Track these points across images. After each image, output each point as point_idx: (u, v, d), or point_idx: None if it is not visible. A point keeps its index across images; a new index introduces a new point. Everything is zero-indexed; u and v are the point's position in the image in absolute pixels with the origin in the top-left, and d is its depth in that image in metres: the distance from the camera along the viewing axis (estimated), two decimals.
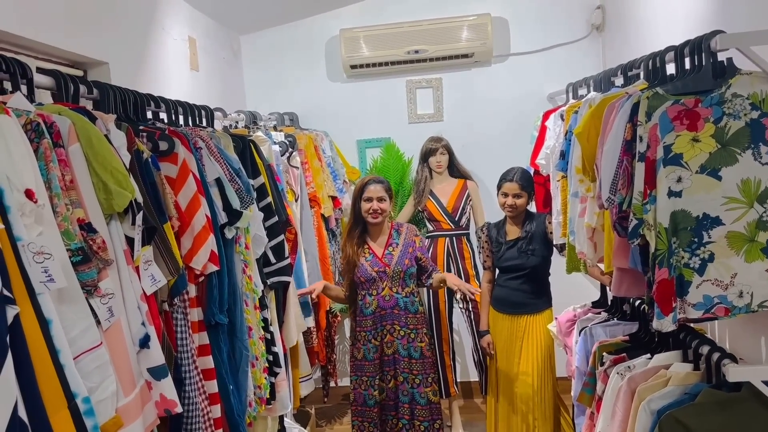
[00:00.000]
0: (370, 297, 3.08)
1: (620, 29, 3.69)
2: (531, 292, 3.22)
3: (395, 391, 3.08)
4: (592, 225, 2.20)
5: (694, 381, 1.87)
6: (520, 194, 3.19)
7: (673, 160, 1.67)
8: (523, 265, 3.19)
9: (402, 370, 3.07)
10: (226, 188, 1.88)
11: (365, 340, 3.09)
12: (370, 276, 3.06)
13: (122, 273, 1.29)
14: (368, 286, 3.08)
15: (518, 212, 3.23)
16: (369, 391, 3.10)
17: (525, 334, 3.21)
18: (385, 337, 3.08)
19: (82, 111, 1.35)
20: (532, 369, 3.18)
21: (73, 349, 1.12)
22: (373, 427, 3.12)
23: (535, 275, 3.21)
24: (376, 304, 3.07)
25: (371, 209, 3.07)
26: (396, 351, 3.07)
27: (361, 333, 3.10)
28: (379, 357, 3.09)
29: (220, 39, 3.92)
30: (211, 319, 1.75)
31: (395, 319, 3.07)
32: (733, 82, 1.64)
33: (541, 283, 3.25)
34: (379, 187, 3.10)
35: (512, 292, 3.25)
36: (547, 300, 3.27)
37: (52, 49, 2.13)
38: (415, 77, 4.30)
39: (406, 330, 3.07)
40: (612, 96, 2.07)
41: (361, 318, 3.11)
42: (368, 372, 3.09)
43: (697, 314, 1.69)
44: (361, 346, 3.10)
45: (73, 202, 1.19)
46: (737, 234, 1.65)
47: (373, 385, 3.09)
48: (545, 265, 3.23)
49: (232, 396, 1.83)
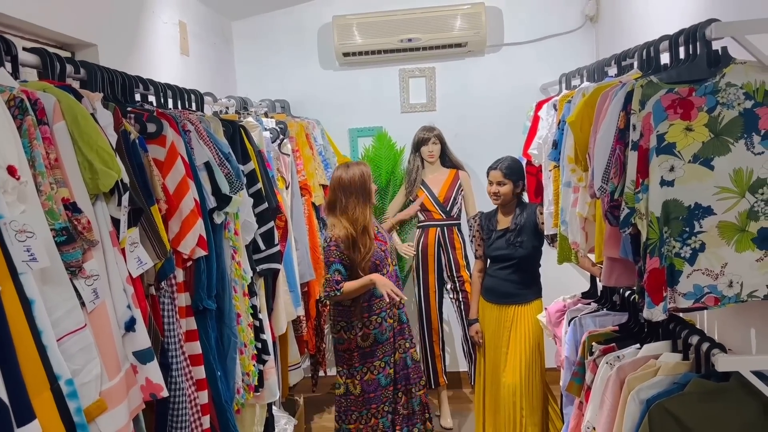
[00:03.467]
0: (386, 275, 3.01)
1: (614, 20, 3.68)
2: (519, 282, 3.21)
3: (401, 362, 3.10)
4: (583, 215, 2.20)
5: (683, 371, 1.87)
6: (503, 182, 3.19)
7: (666, 149, 1.66)
8: (511, 255, 3.18)
9: (407, 338, 3.13)
10: (216, 172, 1.85)
11: (377, 323, 3.02)
12: (382, 256, 3.04)
13: (108, 254, 1.27)
14: (381, 267, 3.02)
15: (504, 201, 3.22)
16: (385, 371, 3.05)
17: (513, 325, 3.21)
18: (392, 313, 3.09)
19: (68, 89, 1.32)
20: (519, 359, 3.18)
21: (56, 330, 1.10)
22: (388, 406, 3.08)
23: (524, 266, 3.20)
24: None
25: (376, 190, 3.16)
26: (399, 320, 3.11)
27: (371, 317, 3.01)
28: (393, 335, 3.08)
29: (211, 24, 3.88)
30: (199, 305, 1.73)
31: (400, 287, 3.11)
32: (727, 71, 1.63)
33: (530, 273, 3.24)
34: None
35: (500, 282, 3.25)
36: (536, 291, 3.27)
37: (40, 29, 2.09)
38: (408, 66, 4.27)
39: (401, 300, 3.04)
40: (605, 85, 2.06)
41: (375, 301, 3.01)
42: (381, 354, 3.04)
43: (687, 303, 1.69)
44: (371, 331, 3.02)
45: (57, 181, 1.17)
46: (728, 224, 1.65)
47: (389, 363, 3.06)
48: (534, 256, 3.22)
49: (219, 382, 1.82)
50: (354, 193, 2.99)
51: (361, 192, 2.99)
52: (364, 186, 3.00)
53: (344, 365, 3.08)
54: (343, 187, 3.00)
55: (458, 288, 3.81)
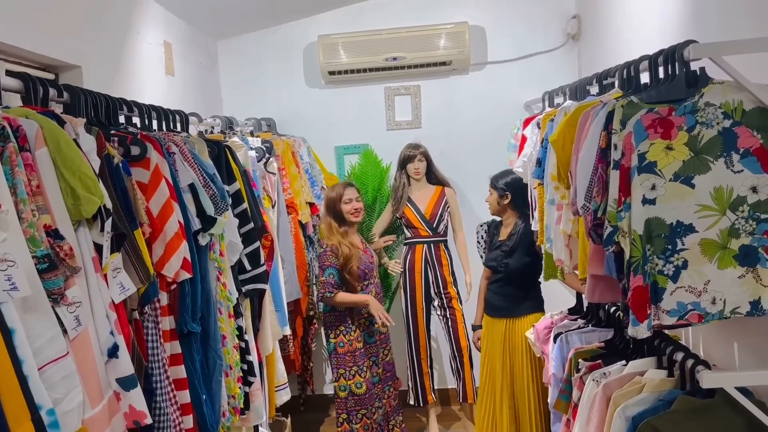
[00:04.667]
0: (371, 285, 3.44)
1: (596, 39, 3.73)
2: (509, 296, 3.21)
3: (390, 362, 3.58)
4: (567, 232, 2.21)
5: (668, 387, 1.88)
6: (490, 191, 3.27)
7: (648, 168, 1.68)
8: (500, 267, 3.20)
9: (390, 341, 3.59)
10: (200, 194, 1.85)
11: (365, 326, 3.42)
12: (368, 266, 3.43)
13: (90, 281, 1.26)
14: (369, 276, 3.43)
15: (493, 211, 3.30)
16: (373, 369, 3.45)
17: (505, 339, 3.20)
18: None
19: (51, 114, 1.31)
20: (511, 375, 3.17)
21: (37, 359, 1.09)
22: (379, 402, 3.45)
23: (514, 280, 3.19)
24: (374, 292, 3.44)
25: (353, 208, 3.40)
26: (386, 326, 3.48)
27: (361, 320, 3.41)
28: (379, 338, 3.49)
29: (197, 44, 3.88)
30: (183, 328, 1.71)
31: (382, 302, 3.52)
32: (705, 91, 1.66)
33: (522, 288, 3.21)
34: (353, 189, 3.46)
35: (494, 295, 3.28)
36: (531, 305, 3.21)
37: (23, 51, 2.08)
38: (394, 84, 4.30)
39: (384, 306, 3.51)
40: (587, 104, 2.08)
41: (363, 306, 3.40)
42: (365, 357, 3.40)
43: (671, 321, 1.70)
44: (360, 333, 3.40)
45: (39, 208, 1.16)
46: (710, 241, 1.67)
47: (377, 363, 3.47)
48: (526, 271, 3.17)
49: (205, 406, 1.80)
50: (329, 213, 3.43)
51: (331, 212, 3.42)
52: (334, 208, 3.40)
53: (346, 367, 3.36)
54: (325, 206, 3.48)
55: (445, 305, 3.81)
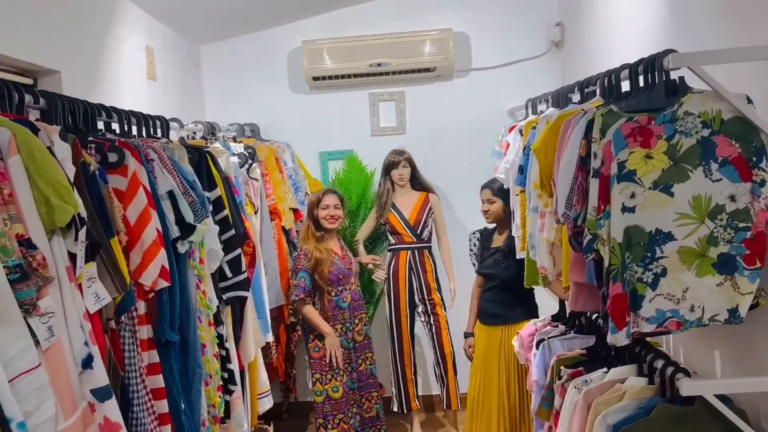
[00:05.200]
0: (346, 291, 3.46)
1: (579, 46, 3.76)
2: (504, 303, 3.21)
3: (366, 372, 3.54)
4: (550, 239, 2.22)
5: (648, 395, 1.88)
6: (492, 199, 3.22)
7: (627, 176, 1.68)
8: (495, 275, 3.20)
9: (370, 350, 3.56)
10: (179, 201, 1.83)
11: (341, 332, 3.42)
12: (343, 271, 3.44)
13: (64, 291, 1.24)
14: (343, 282, 3.44)
15: (494, 218, 3.25)
16: (352, 375, 3.47)
17: (501, 346, 3.19)
18: (356, 327, 3.50)
19: (24, 122, 1.29)
20: (508, 382, 3.16)
21: (8, 371, 1.07)
22: (356, 408, 3.48)
23: (510, 287, 3.17)
24: (350, 297, 3.47)
25: (329, 215, 3.43)
26: (365, 336, 3.55)
27: (336, 326, 3.41)
28: (353, 347, 3.48)
29: (180, 49, 3.86)
30: (161, 337, 1.69)
31: (361, 309, 3.56)
32: (684, 100, 1.67)
33: (517, 294, 3.19)
34: (335, 197, 3.49)
35: (488, 302, 3.27)
36: (525, 311, 3.21)
37: (0, 56, 2.06)
38: (378, 90, 4.30)
39: (367, 317, 3.59)
40: (568, 112, 2.09)
41: (338, 312, 3.43)
42: (347, 359, 3.45)
43: (650, 328, 1.71)
44: (338, 338, 3.40)
45: (11, 217, 1.14)
46: (689, 249, 1.68)
47: (348, 371, 3.45)
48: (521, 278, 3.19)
49: (183, 416, 1.78)
50: (309, 217, 3.50)
51: (310, 216, 3.48)
52: (312, 212, 3.48)
53: (322, 371, 3.38)
54: (306, 209, 3.57)
55: (429, 311, 3.81)
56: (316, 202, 3.46)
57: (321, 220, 3.43)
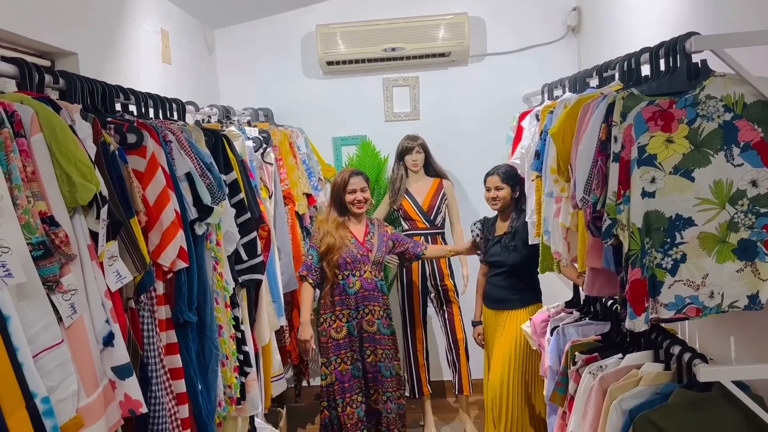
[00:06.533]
0: (353, 278, 3.31)
1: (596, 31, 3.71)
2: (511, 288, 3.21)
3: (374, 365, 3.35)
4: (566, 225, 2.21)
5: (665, 381, 1.88)
6: (501, 186, 3.20)
7: (647, 160, 1.67)
8: (503, 261, 3.19)
9: (383, 347, 3.35)
10: (197, 183, 1.83)
11: (348, 318, 3.31)
12: (355, 257, 3.29)
13: (86, 268, 1.25)
14: (352, 267, 3.30)
15: (502, 206, 3.23)
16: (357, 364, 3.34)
17: (506, 329, 3.20)
18: (365, 316, 3.32)
19: (46, 100, 1.29)
20: (507, 362, 3.16)
21: (32, 347, 1.08)
22: (362, 397, 3.35)
23: (517, 272, 3.19)
24: (359, 285, 3.31)
25: (356, 200, 3.31)
26: (378, 330, 3.34)
27: (343, 311, 3.31)
28: (358, 335, 3.33)
29: (194, 32, 3.85)
30: (179, 318, 1.70)
31: (375, 301, 3.33)
32: (706, 84, 1.65)
33: (523, 279, 3.22)
34: (360, 179, 3.35)
35: (494, 288, 3.27)
36: (530, 296, 3.23)
37: (18, 37, 2.06)
38: (392, 75, 4.28)
39: (384, 311, 3.36)
40: (587, 96, 2.07)
41: (344, 297, 3.31)
42: (345, 348, 3.33)
43: (669, 314, 1.70)
44: (343, 324, 3.32)
45: (34, 195, 1.15)
46: (709, 235, 1.66)
47: (352, 358, 3.34)
48: (528, 263, 3.16)
49: (200, 396, 1.79)
50: (333, 199, 3.40)
51: (335, 199, 3.38)
52: (337, 195, 3.36)
53: (327, 356, 3.34)
54: (330, 191, 3.47)
55: (442, 297, 3.81)
56: (342, 185, 3.31)
57: (348, 205, 3.31)
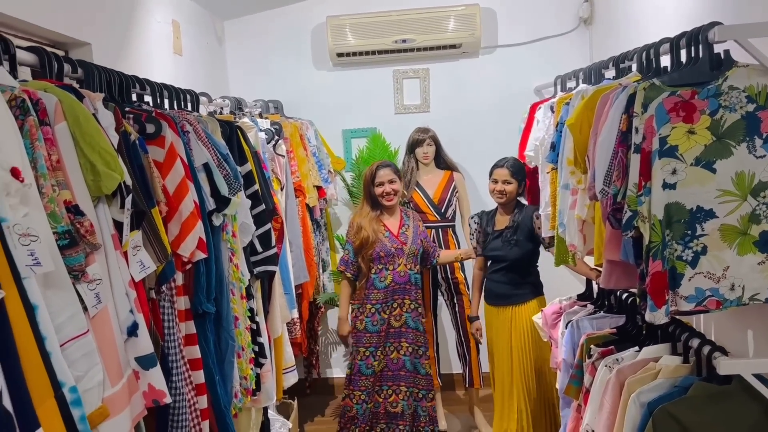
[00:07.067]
0: (386, 271, 3.30)
1: (608, 23, 3.69)
2: (513, 283, 3.19)
3: (397, 362, 3.32)
4: (582, 217, 2.20)
5: (683, 374, 1.87)
6: (510, 181, 3.17)
7: (669, 152, 1.66)
8: (505, 256, 3.17)
9: (410, 342, 3.32)
10: (214, 174, 1.83)
11: (371, 312, 3.29)
12: (389, 251, 3.29)
13: (110, 258, 1.24)
14: (386, 261, 3.30)
15: (507, 200, 3.19)
16: (368, 360, 3.30)
17: (512, 325, 3.19)
18: (394, 311, 3.31)
19: (69, 89, 1.29)
20: (521, 360, 3.15)
21: (59, 336, 1.08)
22: (366, 396, 3.31)
23: (518, 267, 3.18)
24: (391, 279, 3.29)
25: (384, 192, 3.31)
26: (404, 323, 3.32)
27: (367, 305, 3.31)
28: (385, 329, 3.30)
29: (204, 23, 3.84)
30: (198, 308, 1.70)
31: (407, 294, 3.32)
32: (729, 74, 1.63)
33: (525, 274, 3.21)
34: (388, 170, 3.33)
35: (496, 284, 3.24)
36: (533, 290, 3.22)
37: (33, 27, 2.05)
38: (402, 67, 4.26)
39: (415, 304, 3.33)
40: (605, 87, 2.06)
41: (372, 291, 3.31)
42: (367, 343, 3.30)
43: (689, 307, 1.69)
44: (364, 318, 3.30)
45: (59, 183, 1.14)
46: (730, 227, 1.66)
47: (374, 355, 3.29)
48: (529, 258, 3.19)
49: (218, 387, 1.79)
50: (365, 193, 3.41)
51: (367, 193, 3.39)
52: (368, 189, 3.37)
53: (357, 346, 3.33)
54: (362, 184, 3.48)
55: (453, 290, 3.80)
56: (371, 178, 3.34)
57: (378, 198, 3.32)
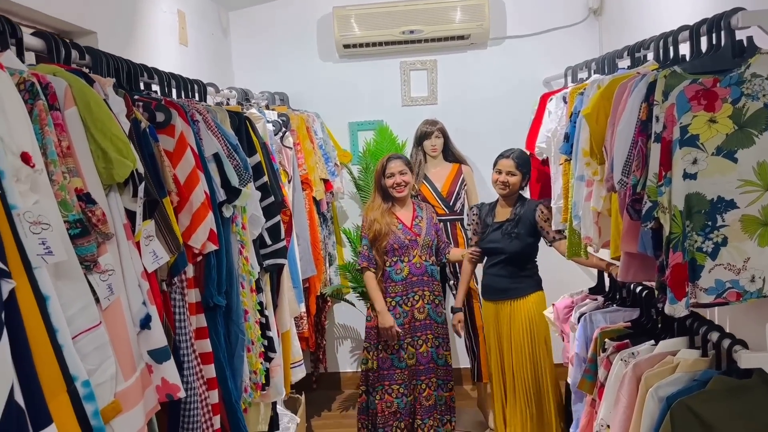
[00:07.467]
0: (402, 263, 3.28)
1: (618, 13, 3.64)
2: (511, 277, 3.14)
3: (426, 355, 3.31)
4: (597, 209, 2.16)
5: (702, 368, 1.84)
6: (514, 173, 3.12)
7: (689, 141, 1.62)
8: (503, 248, 3.12)
9: (436, 335, 3.32)
10: (225, 164, 1.79)
11: (391, 306, 3.26)
12: (403, 243, 3.27)
13: (122, 248, 1.21)
14: (401, 253, 3.28)
15: (510, 192, 3.15)
16: (399, 354, 3.28)
17: (511, 320, 3.14)
18: (416, 303, 3.29)
19: (79, 73, 1.25)
20: (522, 355, 3.12)
21: (70, 328, 1.04)
22: (404, 389, 3.29)
23: (516, 261, 3.12)
24: (407, 271, 3.27)
25: (395, 183, 3.28)
26: (428, 315, 3.31)
27: (386, 299, 3.27)
28: (409, 322, 3.28)
29: (210, 14, 3.80)
30: (209, 301, 1.67)
31: (425, 285, 3.30)
32: (752, 61, 1.60)
33: (523, 268, 3.15)
34: (399, 162, 3.32)
35: (494, 278, 3.19)
36: (532, 284, 3.17)
37: (38, 14, 2.02)
38: (409, 59, 4.21)
39: (433, 296, 3.33)
40: (622, 76, 2.02)
41: (390, 284, 3.29)
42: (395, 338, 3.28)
43: (709, 299, 1.66)
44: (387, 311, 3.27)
45: (70, 171, 1.10)
46: (751, 218, 1.62)
47: (404, 348, 3.28)
48: (528, 252, 3.14)
49: (229, 381, 1.76)
50: (377, 186, 3.39)
51: (378, 186, 3.37)
52: (379, 182, 3.36)
53: (369, 341, 3.33)
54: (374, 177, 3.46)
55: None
56: (381, 170, 3.33)
57: (389, 189, 3.30)
